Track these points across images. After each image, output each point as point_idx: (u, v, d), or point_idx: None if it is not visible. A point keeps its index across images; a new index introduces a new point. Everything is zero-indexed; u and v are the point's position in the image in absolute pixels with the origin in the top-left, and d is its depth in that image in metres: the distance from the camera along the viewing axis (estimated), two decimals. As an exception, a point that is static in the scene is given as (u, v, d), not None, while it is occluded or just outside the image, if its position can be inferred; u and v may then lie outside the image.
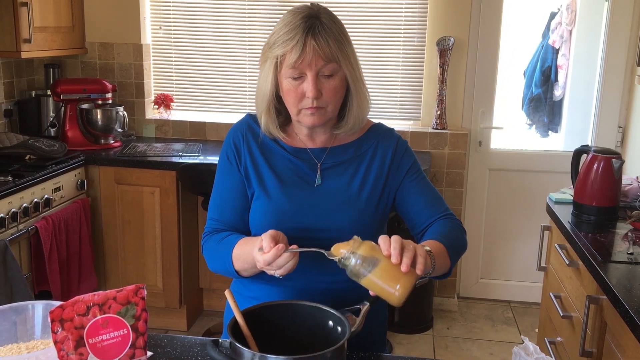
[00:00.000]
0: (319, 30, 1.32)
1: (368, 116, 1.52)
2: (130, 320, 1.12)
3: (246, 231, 1.49)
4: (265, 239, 1.22)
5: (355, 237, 1.20)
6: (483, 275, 3.80)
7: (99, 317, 1.09)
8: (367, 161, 1.48)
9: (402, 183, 1.49)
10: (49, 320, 1.05)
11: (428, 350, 3.22)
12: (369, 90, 1.48)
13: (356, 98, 1.42)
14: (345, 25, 1.43)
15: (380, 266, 1.15)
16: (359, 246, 1.17)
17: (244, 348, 1.06)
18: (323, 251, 1.21)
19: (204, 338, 1.37)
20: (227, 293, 1.22)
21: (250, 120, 1.52)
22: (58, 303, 1.09)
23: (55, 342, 1.06)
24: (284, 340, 1.22)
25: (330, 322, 1.21)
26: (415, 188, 1.49)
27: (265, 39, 1.42)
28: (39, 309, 1.27)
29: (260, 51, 1.43)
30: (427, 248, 1.27)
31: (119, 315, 1.11)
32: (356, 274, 1.17)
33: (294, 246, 1.23)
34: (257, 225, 1.45)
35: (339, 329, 1.19)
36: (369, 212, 1.45)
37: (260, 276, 1.45)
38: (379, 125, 1.55)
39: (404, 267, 1.13)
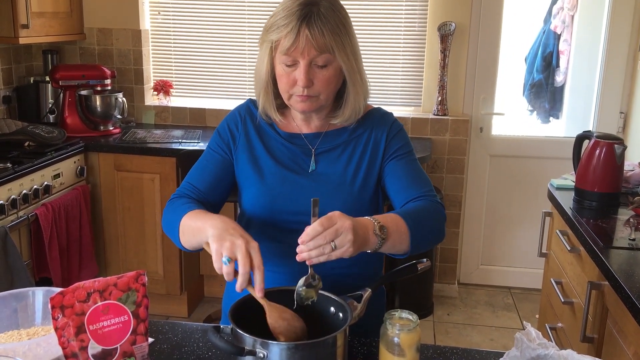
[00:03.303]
0: (314, 20, 1.30)
1: (369, 101, 1.51)
2: (131, 306, 1.11)
3: (215, 205, 1.47)
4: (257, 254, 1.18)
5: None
6: (483, 261, 3.80)
7: (99, 303, 1.08)
8: (362, 146, 1.46)
9: (386, 164, 1.46)
10: (50, 306, 1.05)
11: (428, 336, 3.23)
12: (368, 76, 1.46)
13: (352, 89, 1.40)
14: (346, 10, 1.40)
15: None
16: None
17: (245, 334, 1.06)
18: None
19: (205, 324, 1.36)
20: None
21: (251, 105, 1.52)
22: (58, 289, 1.08)
23: (56, 329, 1.06)
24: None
25: (332, 308, 1.21)
26: (399, 168, 1.44)
27: (264, 24, 1.40)
28: (40, 295, 1.27)
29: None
30: (369, 218, 1.23)
31: (119, 301, 1.10)
32: None
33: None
34: (251, 207, 1.45)
35: (341, 315, 1.19)
36: (363, 197, 1.43)
37: None
38: (377, 109, 1.53)
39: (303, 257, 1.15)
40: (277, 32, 1.32)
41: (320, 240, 1.13)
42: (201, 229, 1.25)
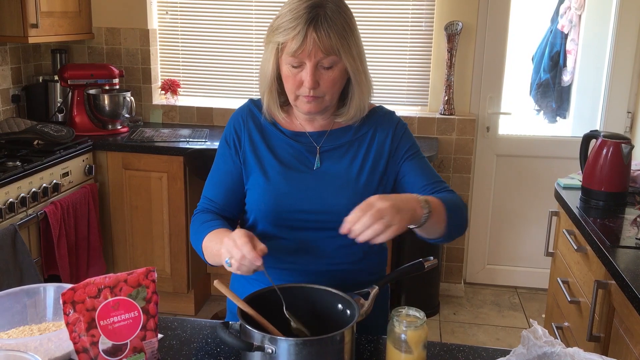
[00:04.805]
0: (321, 22, 1.31)
1: (372, 100, 1.52)
2: (141, 302, 1.12)
3: (236, 215, 1.52)
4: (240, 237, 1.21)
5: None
6: (490, 261, 3.80)
7: (110, 299, 1.10)
8: (366, 144, 1.48)
9: (401, 165, 1.48)
10: (61, 302, 1.06)
11: (434, 335, 3.23)
12: (375, 75, 1.48)
13: (357, 89, 1.42)
14: (352, 9, 1.41)
15: None
16: None
17: (254, 330, 1.07)
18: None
19: (214, 321, 1.38)
20: (217, 284, 1.22)
21: (252, 105, 1.53)
22: (69, 285, 1.10)
23: (67, 324, 1.07)
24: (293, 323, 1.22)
25: (340, 305, 1.22)
26: (415, 166, 1.48)
27: (270, 24, 1.41)
28: (51, 291, 1.28)
29: (267, 36, 1.43)
30: (418, 196, 1.26)
31: (129, 297, 1.12)
32: None
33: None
34: (256, 207, 1.46)
35: (348, 312, 1.20)
36: (367, 195, 1.44)
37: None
38: (379, 108, 1.55)
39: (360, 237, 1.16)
40: (284, 35, 1.34)
41: (367, 220, 1.16)
42: (218, 253, 1.32)
